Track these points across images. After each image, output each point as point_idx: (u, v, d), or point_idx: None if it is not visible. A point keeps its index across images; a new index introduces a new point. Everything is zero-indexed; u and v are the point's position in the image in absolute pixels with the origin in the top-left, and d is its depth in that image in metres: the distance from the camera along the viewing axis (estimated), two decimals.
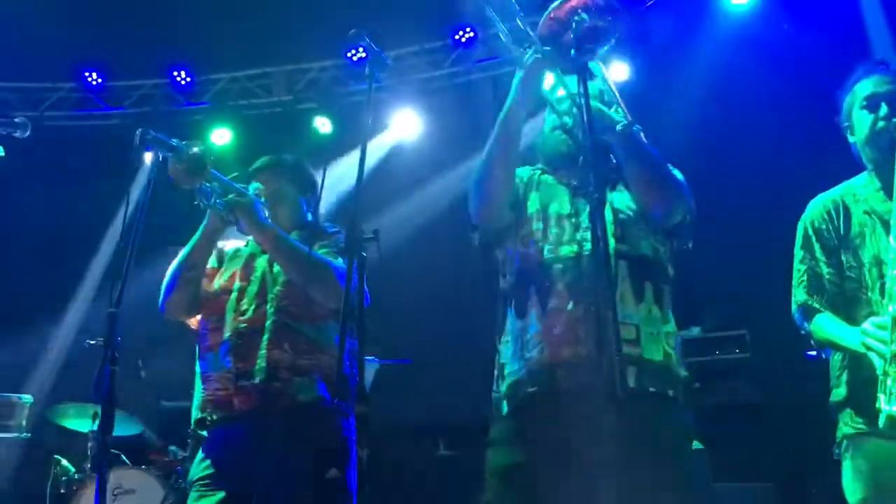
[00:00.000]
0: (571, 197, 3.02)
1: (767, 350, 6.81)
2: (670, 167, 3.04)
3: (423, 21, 8.35)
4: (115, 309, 2.91)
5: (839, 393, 3.14)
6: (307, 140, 8.75)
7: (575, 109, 2.93)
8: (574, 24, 2.72)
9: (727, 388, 6.71)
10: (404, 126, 8.81)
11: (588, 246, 2.84)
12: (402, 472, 7.56)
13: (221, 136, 8.92)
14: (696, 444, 2.84)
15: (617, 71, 7.22)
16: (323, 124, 8.84)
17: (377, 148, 8.65)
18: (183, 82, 8.90)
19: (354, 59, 8.60)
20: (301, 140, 8.72)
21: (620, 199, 3.00)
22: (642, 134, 3.06)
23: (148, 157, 3.41)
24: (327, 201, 3.95)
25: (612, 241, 2.86)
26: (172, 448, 6.34)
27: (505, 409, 2.89)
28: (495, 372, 3.00)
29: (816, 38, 6.58)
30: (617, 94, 3.13)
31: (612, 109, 3.03)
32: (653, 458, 2.63)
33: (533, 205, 3.05)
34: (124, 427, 6.25)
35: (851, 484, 3.04)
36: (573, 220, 2.96)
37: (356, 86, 8.76)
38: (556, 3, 2.87)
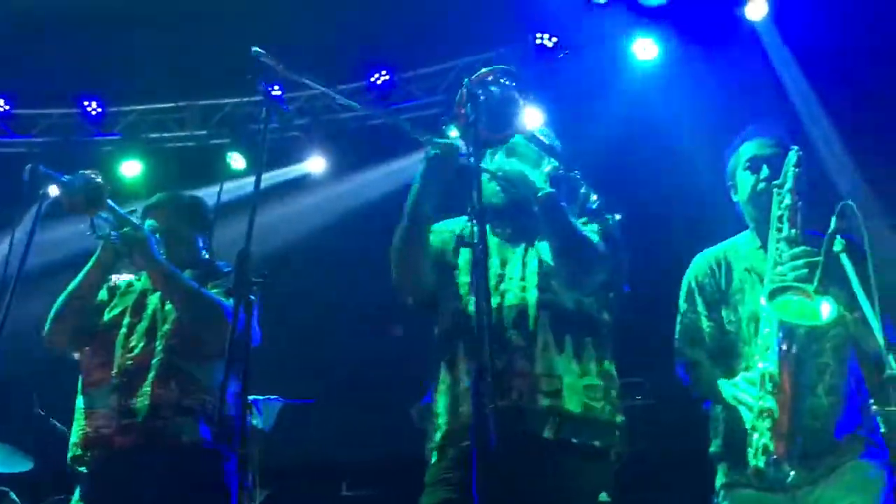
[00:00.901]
0: (499, 247, 3.09)
1: (666, 398, 6.93)
2: (593, 235, 3.08)
3: (339, 62, 8.40)
4: None
5: (717, 444, 3.23)
6: (220, 175, 8.67)
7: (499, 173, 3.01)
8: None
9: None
10: (314, 163, 8.84)
11: (509, 297, 2.94)
12: None
13: (131, 169, 8.79)
14: (603, 497, 2.89)
15: (531, 118, 7.33)
16: (235, 160, 8.78)
17: (286, 182, 8.67)
18: (94, 112, 8.76)
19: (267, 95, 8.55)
20: (213, 175, 8.64)
21: (546, 251, 3.05)
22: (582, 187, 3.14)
23: (53, 189, 3.37)
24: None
25: (535, 292, 2.95)
26: None
27: (434, 458, 2.94)
28: (432, 422, 3.03)
29: (718, 91, 6.81)
30: (547, 144, 3.18)
31: (543, 166, 3.10)
32: None
33: (463, 257, 3.09)
34: (12, 463, 6.07)
35: None
36: (500, 271, 3.02)
37: (271, 123, 8.69)
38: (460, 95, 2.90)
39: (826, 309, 2.77)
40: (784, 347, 2.80)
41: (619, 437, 2.92)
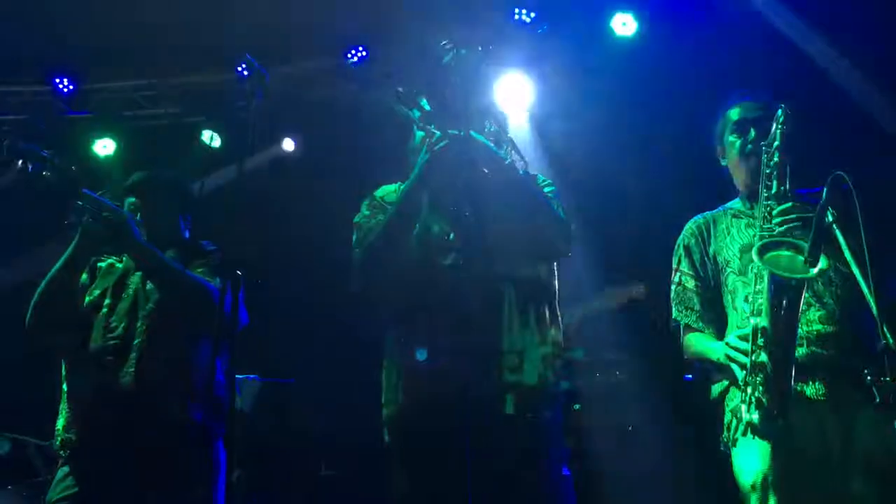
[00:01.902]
0: (448, 218, 3.06)
1: (647, 374, 6.96)
2: (552, 201, 3.10)
3: (315, 39, 8.31)
4: None
5: (721, 384, 3.19)
6: (195, 153, 8.61)
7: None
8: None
9: (608, 410, 6.81)
10: (285, 144, 8.78)
11: (472, 270, 2.87)
12: (285, 493, 7.44)
13: (105, 147, 8.68)
14: (564, 471, 2.89)
15: (524, 91, 7.41)
16: (211, 138, 8.70)
17: (259, 162, 8.59)
18: (65, 90, 8.63)
19: (245, 73, 8.49)
20: (188, 153, 8.57)
21: (503, 219, 3.00)
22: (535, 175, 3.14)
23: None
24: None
25: (496, 264, 2.92)
26: None
27: (387, 438, 2.93)
28: (382, 399, 3.01)
29: (697, 68, 6.79)
30: (508, 136, 3.17)
31: (502, 150, 3.08)
32: (528, 487, 2.69)
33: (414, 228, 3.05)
34: None
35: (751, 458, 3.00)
36: (453, 243, 2.99)
37: (245, 101, 8.63)
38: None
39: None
40: (775, 301, 2.78)
41: (562, 405, 2.95)
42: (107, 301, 3.49)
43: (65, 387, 3.43)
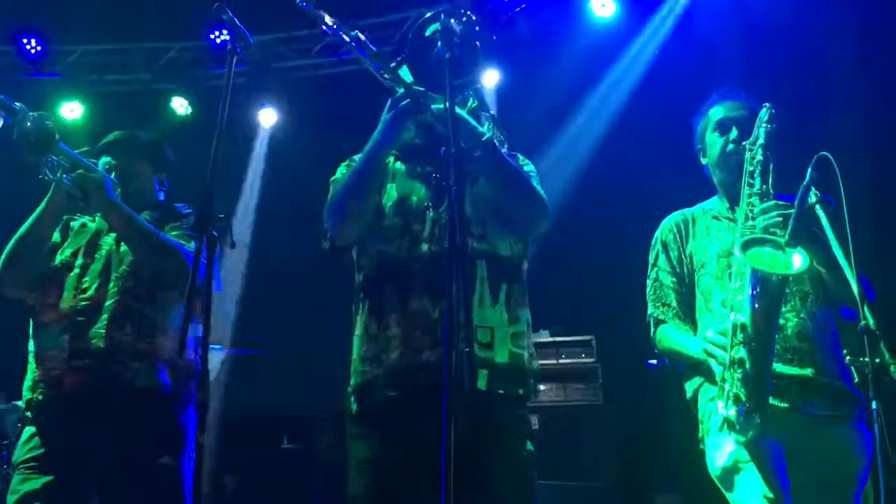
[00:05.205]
0: (428, 188, 3.01)
1: (611, 356, 7.01)
2: (534, 182, 3.06)
3: (290, 8, 8.22)
4: None
5: (694, 381, 3.20)
6: (163, 120, 8.51)
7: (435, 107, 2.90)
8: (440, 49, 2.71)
9: (573, 390, 6.84)
10: (264, 116, 8.74)
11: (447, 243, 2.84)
12: (246, 465, 7.42)
13: (72, 111, 8.55)
14: (528, 446, 2.89)
15: (487, 76, 7.28)
16: (181, 105, 8.61)
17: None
18: (33, 51, 8.46)
19: (217, 41, 8.39)
20: (157, 120, 8.47)
21: (481, 195, 2.98)
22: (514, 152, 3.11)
23: None
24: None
25: (473, 242, 2.88)
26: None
27: (355, 407, 2.87)
28: (350, 368, 2.96)
29: (675, 50, 6.80)
30: (491, 112, 3.14)
31: (483, 125, 3.03)
32: (494, 462, 2.70)
33: (390, 197, 3.01)
34: None
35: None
36: (432, 213, 2.94)
37: (217, 69, 8.56)
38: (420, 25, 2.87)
39: (798, 260, 2.77)
40: (756, 297, 2.78)
41: (534, 384, 2.94)
42: (79, 261, 3.40)
43: (31, 346, 3.35)
